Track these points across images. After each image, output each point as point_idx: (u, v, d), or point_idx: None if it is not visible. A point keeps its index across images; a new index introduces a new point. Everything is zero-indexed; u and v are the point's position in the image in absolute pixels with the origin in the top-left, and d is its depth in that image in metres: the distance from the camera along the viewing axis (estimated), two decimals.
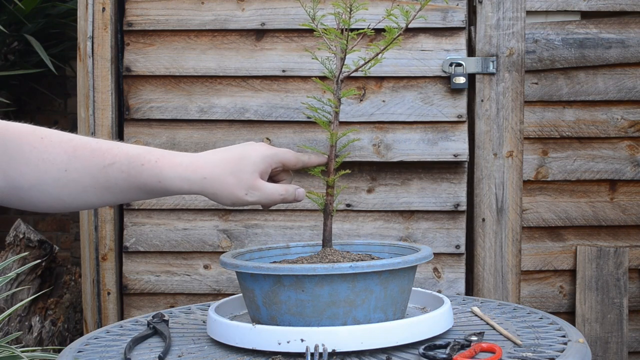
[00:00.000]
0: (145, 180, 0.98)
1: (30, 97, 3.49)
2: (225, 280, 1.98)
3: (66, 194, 0.97)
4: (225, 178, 1.00)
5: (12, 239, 2.43)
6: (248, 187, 1.01)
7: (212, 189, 1.01)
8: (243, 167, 1.01)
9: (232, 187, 1.01)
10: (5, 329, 2.28)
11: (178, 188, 1.00)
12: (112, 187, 0.98)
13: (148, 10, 1.96)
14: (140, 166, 0.98)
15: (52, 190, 0.96)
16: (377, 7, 1.88)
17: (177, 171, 0.99)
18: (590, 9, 1.96)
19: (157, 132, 1.97)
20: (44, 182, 0.95)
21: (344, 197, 1.95)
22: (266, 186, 1.03)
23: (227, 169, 1.01)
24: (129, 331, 1.19)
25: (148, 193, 1.01)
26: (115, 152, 0.98)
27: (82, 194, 0.97)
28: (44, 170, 0.94)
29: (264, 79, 1.95)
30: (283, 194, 1.04)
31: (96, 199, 0.99)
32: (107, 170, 0.97)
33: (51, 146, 0.95)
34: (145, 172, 0.98)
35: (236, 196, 1.01)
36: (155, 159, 0.99)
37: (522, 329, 1.12)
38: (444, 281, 1.95)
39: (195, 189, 1.00)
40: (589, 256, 1.99)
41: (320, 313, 1.00)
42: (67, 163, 0.95)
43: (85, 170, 0.96)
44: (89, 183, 0.97)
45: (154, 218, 1.98)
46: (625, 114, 1.97)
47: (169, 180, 0.99)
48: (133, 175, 0.98)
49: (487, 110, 1.94)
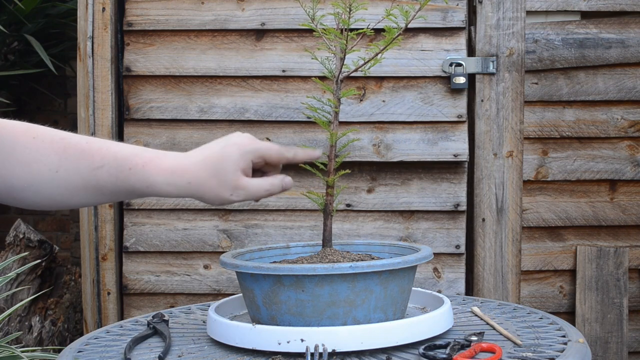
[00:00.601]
0: (134, 185, 0.98)
1: (30, 97, 3.49)
2: (225, 280, 1.98)
3: (58, 194, 0.97)
4: (208, 181, 1.00)
5: (12, 239, 2.43)
6: (232, 188, 1.00)
7: (197, 192, 1.00)
8: (224, 167, 1.00)
9: (217, 189, 1.00)
10: (5, 329, 2.28)
11: (166, 192, 0.99)
12: (101, 188, 0.98)
13: (148, 10, 1.96)
14: (127, 170, 0.97)
15: (44, 190, 0.96)
16: (377, 7, 1.88)
17: (164, 176, 0.99)
18: (590, 9, 1.96)
19: (157, 132, 1.97)
20: (37, 182, 0.95)
21: (344, 197, 1.95)
22: (250, 184, 1.02)
23: (209, 171, 1.00)
24: (129, 331, 1.19)
25: (138, 195, 1.01)
26: (104, 153, 0.97)
27: (74, 194, 0.97)
28: (37, 171, 0.94)
29: (264, 79, 1.95)
30: (268, 189, 1.03)
31: (89, 199, 0.99)
32: (96, 173, 0.97)
33: (43, 146, 0.95)
34: (132, 177, 0.98)
35: (222, 197, 1.01)
36: (143, 163, 0.98)
37: (522, 329, 1.12)
38: (444, 281, 1.95)
39: (182, 192, 1.00)
40: (589, 256, 1.99)
41: (320, 313, 1.00)
42: (58, 164, 0.95)
43: (75, 172, 0.96)
44: (80, 184, 0.97)
45: (154, 218, 1.98)
46: (625, 114, 1.97)
47: (157, 186, 0.99)
48: (121, 179, 0.97)
49: (487, 110, 1.94)
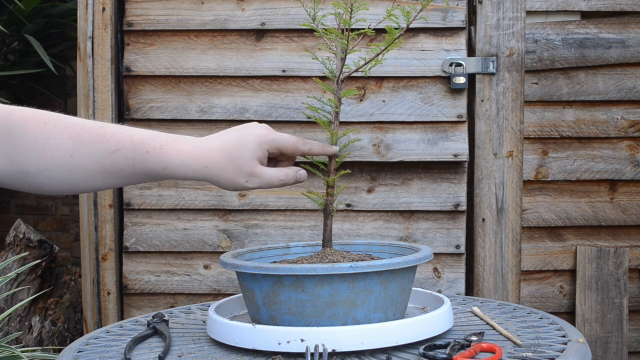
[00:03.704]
0: (151, 167, 1.00)
1: (30, 97, 3.49)
2: (225, 280, 1.98)
3: (72, 179, 0.98)
4: (226, 166, 1.02)
5: (12, 239, 2.43)
6: (248, 175, 1.02)
7: (214, 177, 1.02)
8: (241, 154, 1.02)
9: (233, 175, 1.02)
10: (5, 329, 2.28)
11: (183, 174, 1.01)
12: (117, 172, 0.99)
13: (148, 10, 1.96)
14: (145, 153, 0.99)
15: (58, 174, 0.97)
16: (378, 7, 1.88)
17: (181, 159, 1.00)
18: (590, 9, 1.96)
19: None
20: (51, 167, 0.96)
21: (344, 197, 1.95)
22: (265, 172, 1.04)
23: (226, 157, 1.02)
24: (129, 331, 1.19)
25: (154, 178, 1.02)
26: (119, 137, 0.98)
27: (88, 178, 0.99)
28: (50, 156, 0.95)
29: (264, 79, 1.95)
30: (283, 179, 1.05)
31: (102, 182, 1.00)
32: (112, 157, 0.98)
33: (55, 131, 0.96)
34: (150, 160, 0.99)
35: (237, 183, 1.03)
36: (160, 146, 1.00)
37: (522, 329, 1.12)
38: (444, 281, 1.95)
39: (198, 176, 1.02)
40: (589, 256, 1.99)
41: (320, 313, 1.00)
42: (73, 149, 0.96)
43: (91, 156, 0.97)
44: (95, 168, 0.98)
45: (154, 218, 1.98)
46: (625, 114, 1.97)
47: (174, 167, 1.00)
48: (138, 162, 0.99)
49: (487, 110, 1.94)
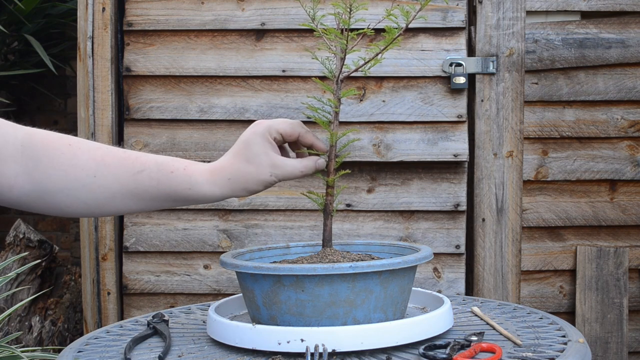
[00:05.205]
0: (176, 188, 1.00)
1: (30, 97, 3.49)
2: (225, 280, 1.98)
3: (93, 199, 0.98)
4: (246, 168, 1.02)
5: (12, 239, 2.43)
6: (270, 166, 1.02)
7: (240, 185, 1.02)
8: (254, 151, 1.02)
9: (256, 174, 1.02)
10: (5, 329, 2.28)
11: (210, 192, 1.01)
12: (141, 193, 0.99)
13: (148, 10, 1.96)
14: (169, 173, 1.00)
15: (79, 194, 0.97)
16: (377, 7, 1.88)
17: (205, 177, 1.01)
18: (590, 9, 1.96)
19: (157, 132, 1.97)
20: (72, 186, 0.96)
21: (344, 197, 1.95)
22: (286, 162, 1.04)
23: (242, 161, 1.02)
24: (129, 331, 1.19)
25: (176, 201, 1.02)
26: (143, 159, 0.99)
27: (109, 200, 0.99)
28: (73, 176, 0.96)
29: (264, 79, 1.95)
30: (302, 170, 1.06)
31: (123, 205, 1.00)
32: (136, 178, 0.98)
33: (80, 152, 0.97)
34: (174, 180, 1.00)
35: (262, 180, 1.03)
36: (184, 167, 1.01)
37: (522, 329, 1.12)
38: (444, 281, 1.95)
39: (225, 191, 1.02)
40: (589, 256, 1.98)
41: (320, 313, 1.00)
42: (96, 169, 0.97)
43: (114, 177, 0.98)
44: (117, 189, 0.98)
45: (154, 218, 1.98)
46: (625, 114, 1.97)
47: (200, 186, 1.01)
48: (163, 182, 0.99)
49: (487, 110, 1.94)
